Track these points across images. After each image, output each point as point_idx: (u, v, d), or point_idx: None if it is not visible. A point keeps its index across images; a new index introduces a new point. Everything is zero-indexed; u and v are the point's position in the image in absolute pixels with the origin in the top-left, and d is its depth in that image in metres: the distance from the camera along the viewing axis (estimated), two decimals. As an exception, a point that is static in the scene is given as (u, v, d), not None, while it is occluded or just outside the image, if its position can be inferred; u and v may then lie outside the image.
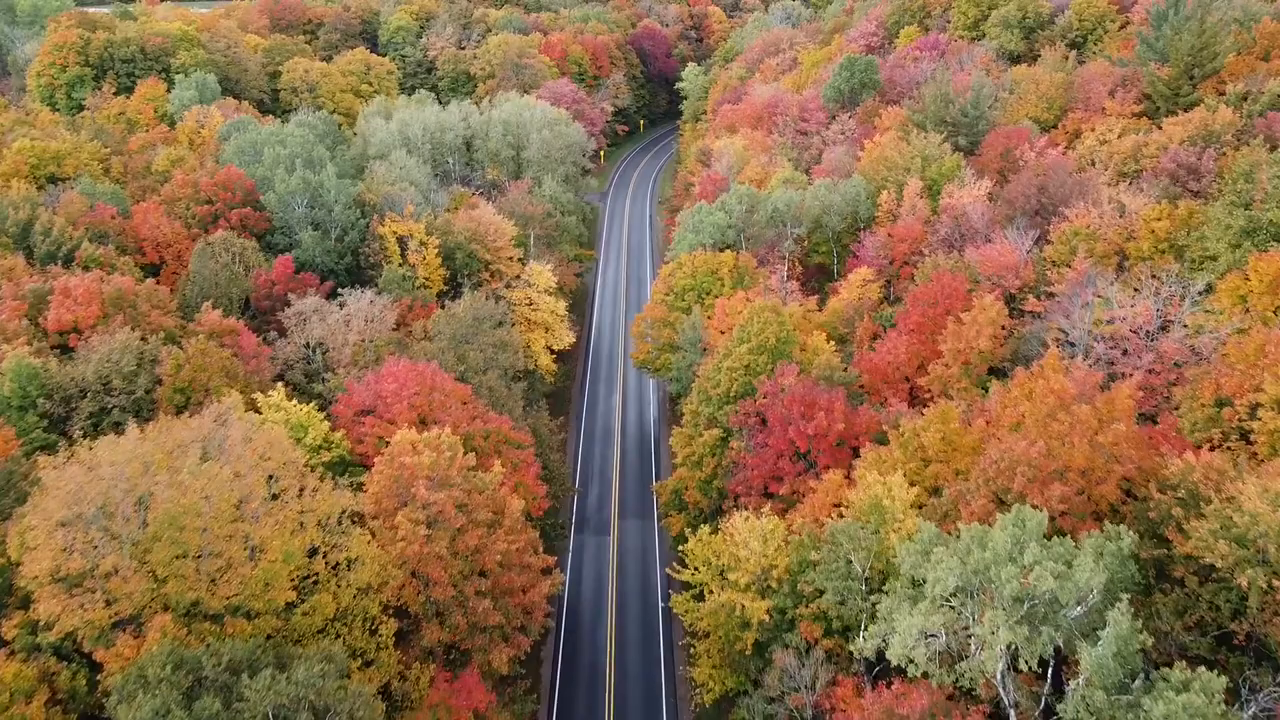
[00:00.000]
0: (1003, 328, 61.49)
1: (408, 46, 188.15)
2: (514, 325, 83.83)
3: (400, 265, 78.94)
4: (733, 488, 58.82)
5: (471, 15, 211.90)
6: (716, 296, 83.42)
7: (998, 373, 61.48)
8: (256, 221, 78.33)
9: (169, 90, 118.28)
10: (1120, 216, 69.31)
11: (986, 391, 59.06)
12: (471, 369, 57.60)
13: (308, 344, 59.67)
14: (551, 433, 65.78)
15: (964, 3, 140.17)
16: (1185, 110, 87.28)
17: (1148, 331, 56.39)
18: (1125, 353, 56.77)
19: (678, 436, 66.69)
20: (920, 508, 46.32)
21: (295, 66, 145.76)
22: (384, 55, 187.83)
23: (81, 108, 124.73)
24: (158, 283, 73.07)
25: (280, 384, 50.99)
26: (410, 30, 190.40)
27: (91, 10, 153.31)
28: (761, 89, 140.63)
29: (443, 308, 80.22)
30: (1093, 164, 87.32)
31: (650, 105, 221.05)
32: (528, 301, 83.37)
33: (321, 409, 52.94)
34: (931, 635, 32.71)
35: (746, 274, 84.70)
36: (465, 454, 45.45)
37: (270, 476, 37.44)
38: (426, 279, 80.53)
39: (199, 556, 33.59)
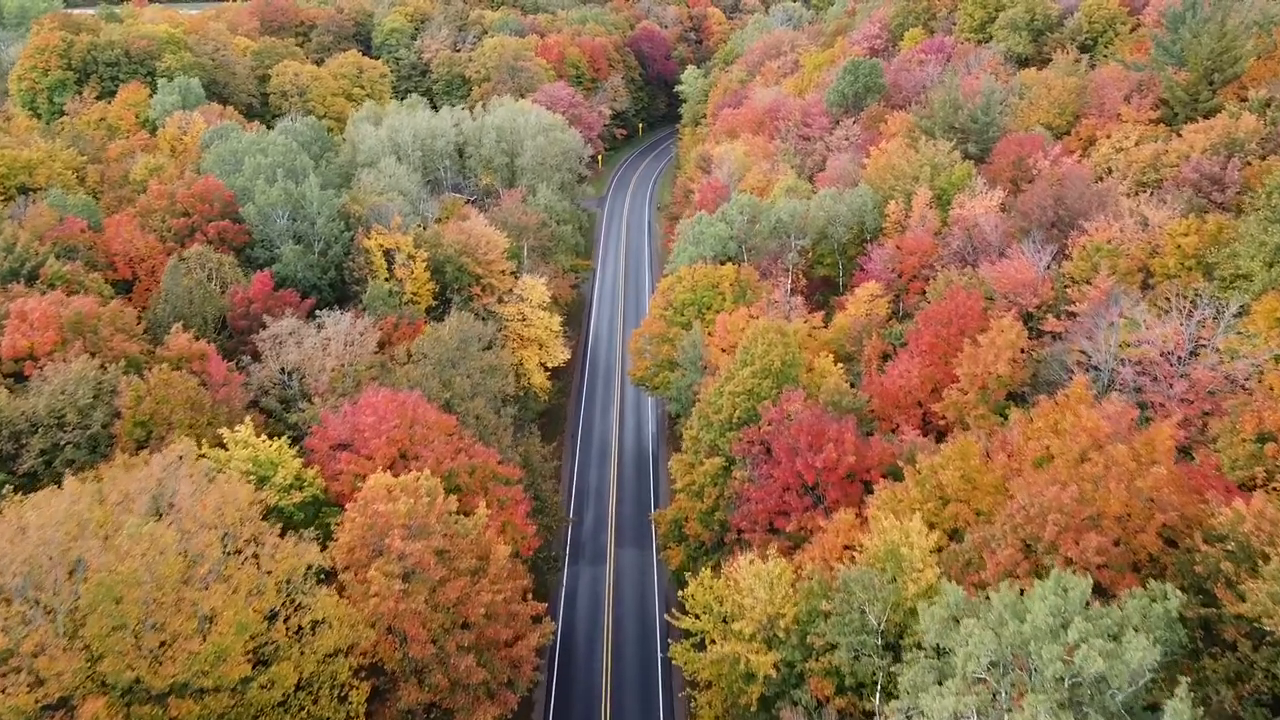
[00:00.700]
0: (1022, 350, 57.87)
1: (402, 49, 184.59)
2: (506, 343, 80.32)
3: (387, 280, 75.33)
4: (736, 522, 55.24)
5: (467, 17, 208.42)
6: (717, 311, 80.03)
7: (1017, 398, 57.93)
8: (235, 235, 74.65)
9: (152, 95, 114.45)
10: (1143, 230, 65.73)
11: (1005, 419, 55.61)
12: (458, 395, 53.98)
13: (283, 369, 55.98)
14: (544, 459, 62.19)
15: (970, 4, 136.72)
16: (1205, 117, 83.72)
17: (1179, 357, 52.78)
18: (1155, 379, 53.18)
19: (677, 463, 63.11)
20: (939, 551, 42.79)
21: (285, 70, 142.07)
22: (377, 58, 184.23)
23: (63, 113, 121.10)
24: (130, 300, 69.56)
25: (250, 416, 47.26)
26: (404, 32, 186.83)
27: (76, 12, 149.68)
28: (762, 93, 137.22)
29: (431, 324, 76.77)
30: (1109, 172, 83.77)
31: (649, 108, 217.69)
32: (520, 317, 79.77)
33: (296, 440, 49.35)
34: (964, 719, 29.16)
35: (749, 288, 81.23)
36: (447, 496, 41.83)
37: (225, 534, 33.83)
38: (414, 294, 76.91)
39: (140, 630, 30.01)
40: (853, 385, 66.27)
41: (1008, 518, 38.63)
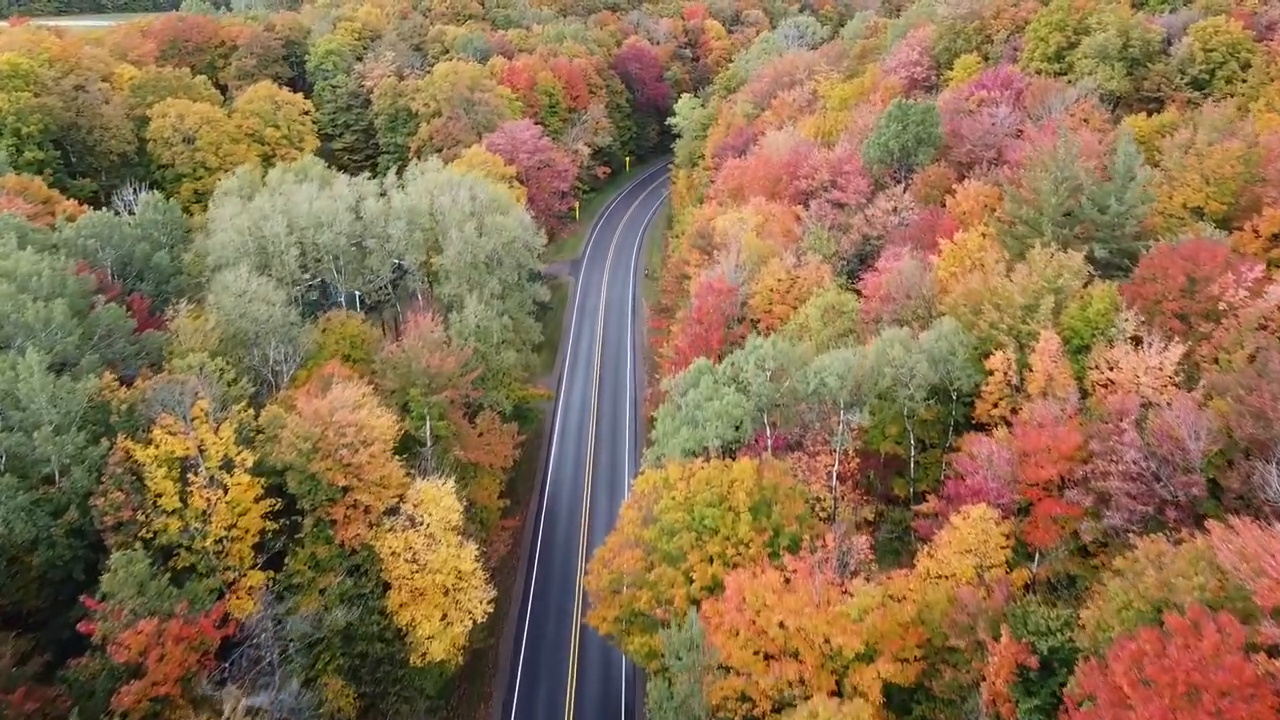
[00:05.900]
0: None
1: (340, 75, 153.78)
2: (389, 593, 49.97)
3: (178, 513, 44.90)
4: None
5: (426, 33, 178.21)
6: (725, 537, 49.80)
7: None
8: (-95, 452, 44.26)
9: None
10: None
11: None
12: None
13: None
14: None
15: (1042, 26, 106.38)
16: None
17: None
18: None
19: None
20: None
21: (166, 111, 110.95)
22: (312, 85, 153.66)
23: None
24: None
25: None
26: (344, 55, 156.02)
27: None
28: (776, 138, 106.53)
29: (265, 574, 46.42)
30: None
31: (638, 138, 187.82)
32: (410, 557, 49.23)
33: None
34: None
35: (776, 499, 50.92)
36: None
37: None
38: (230, 533, 46.51)
39: None
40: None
41: None
